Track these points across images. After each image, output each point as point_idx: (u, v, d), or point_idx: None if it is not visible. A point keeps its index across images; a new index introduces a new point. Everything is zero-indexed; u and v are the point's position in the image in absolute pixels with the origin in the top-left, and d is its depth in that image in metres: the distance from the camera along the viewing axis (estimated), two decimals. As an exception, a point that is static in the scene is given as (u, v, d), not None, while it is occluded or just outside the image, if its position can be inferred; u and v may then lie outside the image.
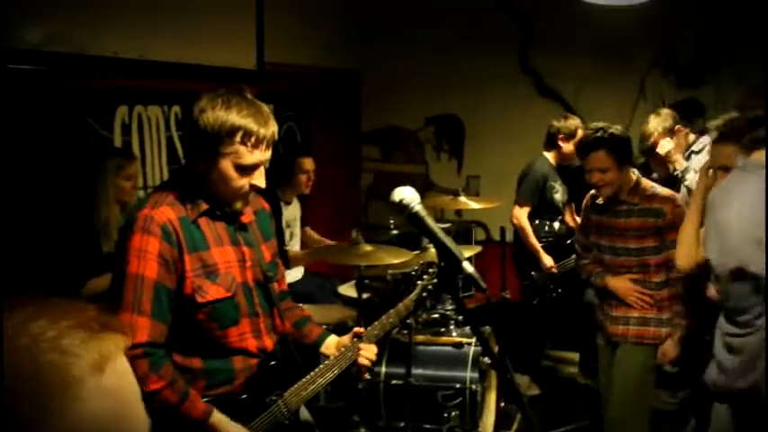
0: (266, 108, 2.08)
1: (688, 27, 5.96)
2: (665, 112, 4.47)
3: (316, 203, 5.25)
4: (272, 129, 2.05)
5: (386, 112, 6.99)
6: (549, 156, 4.90)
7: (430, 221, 1.69)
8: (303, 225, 5.05)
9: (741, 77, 5.86)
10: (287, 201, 4.80)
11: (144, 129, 4.06)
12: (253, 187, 2.09)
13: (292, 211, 4.88)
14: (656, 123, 4.38)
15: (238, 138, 1.99)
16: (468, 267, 1.63)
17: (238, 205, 2.14)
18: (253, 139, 2.00)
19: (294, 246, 4.90)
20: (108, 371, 0.83)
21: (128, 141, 3.98)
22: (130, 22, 3.88)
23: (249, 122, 1.99)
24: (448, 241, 1.65)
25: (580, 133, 4.78)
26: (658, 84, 6.18)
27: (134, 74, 3.90)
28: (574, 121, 4.85)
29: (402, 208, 1.69)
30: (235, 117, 1.98)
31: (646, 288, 3.39)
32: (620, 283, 3.42)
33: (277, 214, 4.62)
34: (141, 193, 3.89)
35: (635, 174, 3.52)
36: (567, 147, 4.80)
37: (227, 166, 2.02)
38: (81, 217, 3.41)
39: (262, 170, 2.09)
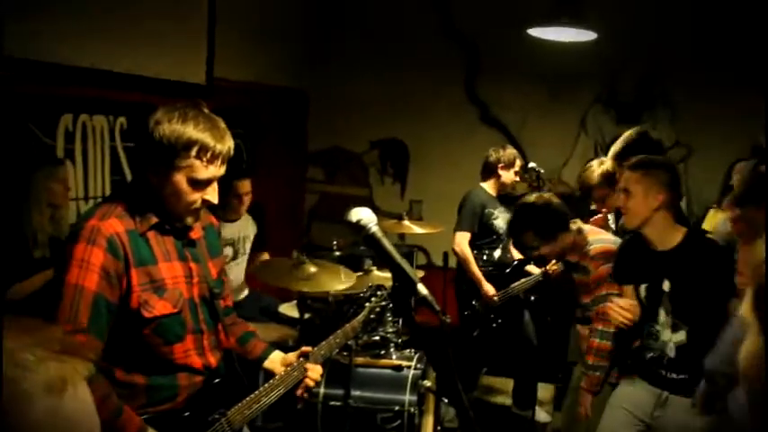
0: (223, 123, 2.06)
1: (628, 65, 6.17)
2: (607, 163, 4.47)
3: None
4: (227, 144, 2.03)
5: (332, 134, 7.02)
6: (487, 185, 4.99)
7: (386, 243, 1.71)
8: (261, 247, 4.96)
9: (676, 116, 6.09)
10: (228, 219, 4.66)
11: (88, 138, 3.99)
12: (205, 203, 2.07)
13: (238, 230, 4.74)
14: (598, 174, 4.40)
15: (194, 152, 1.95)
16: (422, 289, 1.65)
17: (189, 221, 2.10)
18: (208, 154, 1.97)
19: (241, 264, 4.80)
20: (66, 396, 0.82)
21: (71, 150, 3.90)
22: (80, 31, 3.83)
23: (206, 137, 1.96)
24: (403, 263, 1.67)
25: (518, 163, 4.91)
26: (599, 119, 6.37)
27: (81, 82, 3.84)
28: (512, 151, 4.97)
29: (359, 228, 1.70)
30: (191, 131, 1.94)
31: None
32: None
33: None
34: (83, 203, 3.82)
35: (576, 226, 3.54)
36: (507, 175, 4.91)
37: (180, 179, 1.98)
38: (10, 222, 3.33)
39: (215, 186, 2.07)
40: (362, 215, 1.70)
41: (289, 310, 4.56)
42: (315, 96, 6.97)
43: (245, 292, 4.84)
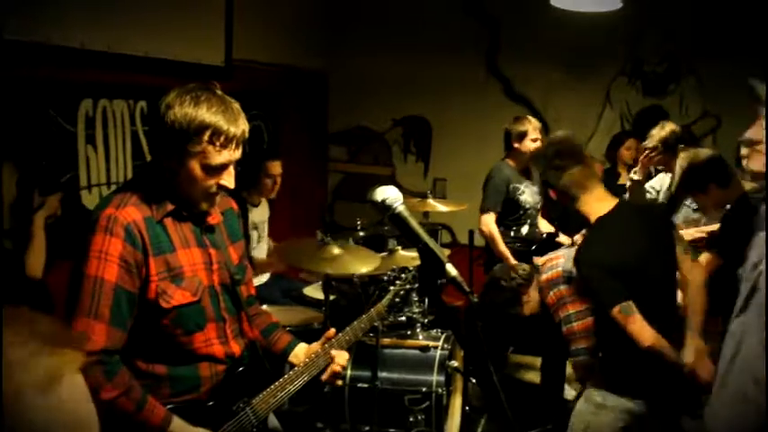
0: (237, 105, 1.99)
1: (654, 36, 6.03)
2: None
3: (281, 204, 5.18)
4: (242, 127, 1.96)
5: (353, 113, 6.95)
6: (509, 159, 4.89)
7: (413, 222, 1.66)
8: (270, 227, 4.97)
9: (704, 87, 5.95)
10: (253, 203, 4.70)
11: (108, 123, 3.97)
12: (221, 188, 2.01)
13: (260, 214, 4.77)
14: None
15: (206, 136, 1.89)
16: (451, 270, 1.60)
17: (205, 207, 2.05)
18: (222, 138, 1.90)
19: (262, 249, 4.82)
20: (60, 390, 0.79)
21: (91, 135, 3.88)
22: (98, 14, 3.80)
23: (218, 120, 1.89)
24: (431, 243, 1.62)
25: (532, 132, 4.78)
26: (624, 91, 6.25)
27: (100, 66, 3.81)
28: (525, 122, 4.83)
29: (385, 208, 1.65)
30: (204, 114, 1.88)
31: None
32: None
33: (243, 217, 4.53)
34: (105, 189, 3.81)
35: None
36: (524, 146, 4.79)
37: (194, 165, 1.93)
38: None
39: (231, 170, 2.01)
40: (388, 194, 1.65)
41: (313, 292, 4.54)
42: (335, 76, 6.90)
43: (267, 276, 4.82)
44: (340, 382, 2.32)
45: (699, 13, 5.78)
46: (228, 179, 2.00)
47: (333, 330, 2.33)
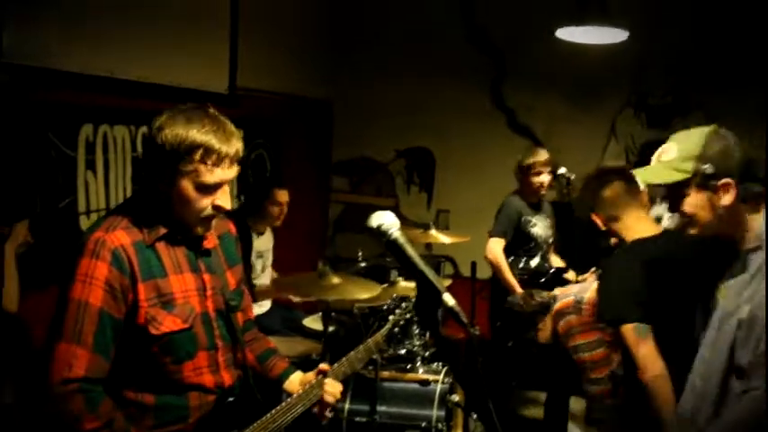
0: (230, 125, 1.95)
1: (659, 68, 6.02)
2: None
3: (282, 233, 5.13)
4: (235, 146, 1.91)
5: (356, 144, 6.93)
6: (520, 192, 4.87)
7: (410, 249, 1.60)
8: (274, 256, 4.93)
9: (709, 120, 5.91)
10: (259, 231, 4.67)
11: (109, 148, 3.93)
12: (218, 209, 1.96)
13: (265, 242, 4.74)
14: None
15: (198, 155, 1.86)
16: (449, 300, 1.54)
17: (200, 231, 1.99)
18: (213, 157, 1.87)
19: (266, 277, 4.77)
20: None
21: (92, 160, 3.85)
22: (101, 39, 3.79)
23: (210, 139, 1.86)
24: (428, 271, 1.56)
25: (539, 166, 4.74)
26: (629, 124, 6.22)
27: (101, 91, 3.79)
28: (531, 156, 4.79)
29: (380, 234, 1.60)
30: (195, 134, 1.85)
31: None
32: None
33: (247, 245, 4.50)
34: (104, 214, 3.75)
35: None
36: (527, 180, 4.76)
37: (186, 185, 1.88)
38: None
39: (226, 190, 1.96)
40: (384, 220, 1.60)
41: (313, 323, 4.47)
42: (339, 106, 6.90)
43: (269, 305, 4.76)
44: (329, 414, 2.23)
45: (705, 46, 5.76)
46: (224, 199, 1.95)
47: (326, 366, 2.26)
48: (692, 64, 5.86)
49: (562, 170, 4.78)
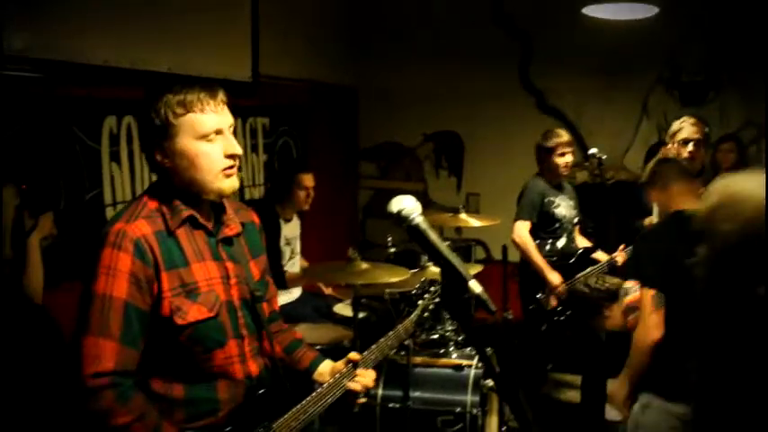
0: (207, 80, 1.96)
1: (692, 43, 5.87)
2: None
3: (312, 221, 5.10)
4: (217, 91, 1.91)
5: (384, 129, 6.88)
6: (542, 174, 4.78)
7: (432, 235, 1.53)
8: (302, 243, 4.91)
9: (746, 95, 5.76)
10: (287, 218, 4.65)
11: (133, 140, 3.91)
12: (233, 157, 1.92)
13: (293, 229, 4.73)
14: None
15: (182, 109, 1.86)
16: (475, 287, 1.47)
17: (226, 185, 1.93)
18: (197, 103, 1.86)
19: (294, 264, 4.75)
20: None
21: (116, 152, 3.84)
22: (122, 31, 3.76)
23: (187, 93, 1.87)
24: (452, 258, 1.49)
25: (562, 146, 4.64)
26: (662, 101, 6.08)
27: (124, 83, 3.76)
28: (554, 136, 4.70)
29: (401, 220, 1.53)
30: (171, 97, 1.86)
31: None
32: None
33: (275, 231, 4.49)
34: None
35: None
36: (553, 160, 4.67)
37: (187, 143, 1.87)
38: None
39: (229, 135, 1.93)
40: (404, 204, 1.54)
41: (343, 309, 4.45)
42: (365, 91, 6.85)
43: (299, 293, 4.74)
44: (362, 400, 2.17)
45: (737, 20, 5.60)
46: (231, 144, 1.92)
47: (356, 355, 2.21)
48: (725, 39, 5.70)
49: (593, 150, 4.68)
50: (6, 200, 2.96)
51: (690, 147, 4.29)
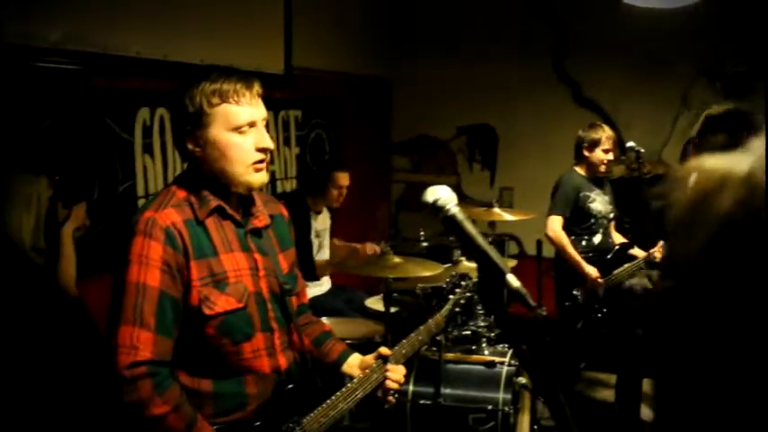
0: (242, 71, 1.94)
1: (735, 33, 5.71)
2: None
3: (344, 214, 5.08)
4: (253, 83, 1.90)
5: (417, 122, 6.82)
6: (579, 167, 4.67)
7: (469, 226, 1.47)
8: (332, 236, 4.88)
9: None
10: (317, 210, 4.64)
11: (166, 132, 3.90)
12: (264, 151, 1.90)
13: (322, 221, 4.71)
14: None
15: (217, 99, 1.84)
16: (513, 281, 1.41)
17: (255, 178, 1.91)
18: (233, 94, 1.84)
19: (323, 256, 4.73)
20: None
21: (149, 144, 3.84)
22: (154, 22, 3.76)
23: (222, 82, 1.85)
24: (490, 250, 1.43)
25: (606, 142, 4.55)
26: (703, 94, 5.93)
27: (157, 75, 3.76)
28: (599, 130, 4.59)
29: (436, 210, 1.48)
30: (207, 86, 1.84)
31: None
32: None
33: (306, 224, 4.47)
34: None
35: None
36: (593, 156, 4.57)
37: (220, 134, 1.85)
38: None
39: (262, 129, 1.92)
40: (440, 194, 1.48)
41: (375, 303, 4.41)
42: (398, 84, 6.79)
43: (329, 286, 4.72)
44: (392, 399, 2.14)
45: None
46: (262, 138, 1.91)
47: (386, 350, 2.17)
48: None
49: (631, 144, 4.57)
50: (40, 191, 2.96)
51: None
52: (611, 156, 4.56)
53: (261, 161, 1.91)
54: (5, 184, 2.92)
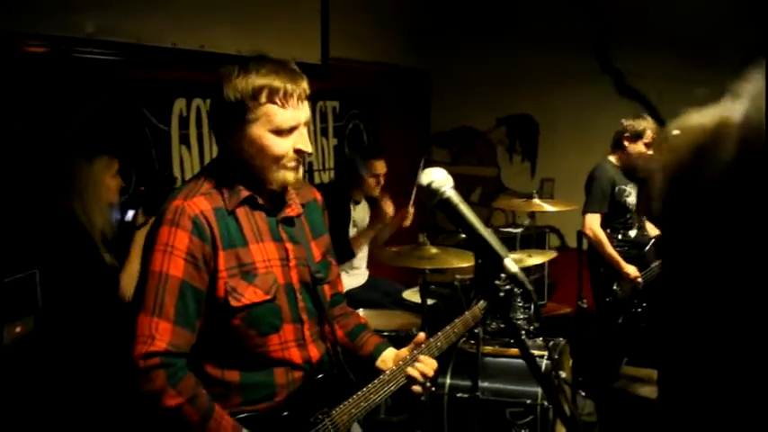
0: (293, 65, 1.87)
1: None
2: None
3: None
4: (301, 83, 1.83)
5: (455, 113, 6.74)
6: (614, 158, 4.54)
7: (465, 209, 1.43)
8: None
9: None
10: (356, 200, 4.62)
11: (202, 122, 3.90)
12: (300, 153, 1.85)
13: (361, 211, 4.69)
14: None
15: (263, 97, 1.78)
16: (511, 266, 1.36)
17: (290, 178, 1.87)
18: (281, 95, 1.78)
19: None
20: None
21: (185, 135, 3.84)
22: (190, 13, 3.75)
23: (272, 79, 1.78)
24: (487, 234, 1.39)
25: (649, 134, 4.42)
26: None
27: (193, 66, 3.76)
28: (644, 122, 4.46)
29: (431, 193, 1.44)
30: (254, 78, 1.77)
31: None
32: None
33: (346, 214, 4.46)
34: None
35: None
36: (633, 147, 4.43)
37: (261, 133, 1.80)
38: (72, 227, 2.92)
39: (303, 132, 1.86)
40: (435, 177, 1.44)
41: (412, 295, 4.37)
42: (437, 75, 6.72)
43: (365, 278, 4.68)
44: (419, 389, 2.05)
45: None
46: (302, 141, 1.86)
47: (422, 335, 2.11)
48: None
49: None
50: (95, 170, 2.99)
51: None
52: (651, 151, 4.43)
53: (297, 163, 1.88)
54: (70, 170, 2.96)
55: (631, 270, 4.31)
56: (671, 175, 0.76)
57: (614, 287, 4.40)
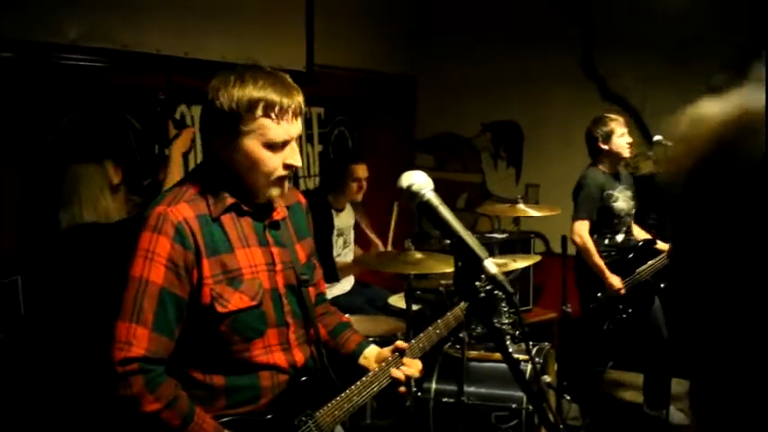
0: (289, 79, 1.87)
1: (765, 23, 5.58)
2: None
3: (367, 212, 5.04)
4: (296, 98, 1.83)
5: (441, 119, 6.76)
6: (600, 164, 4.53)
7: (444, 211, 1.45)
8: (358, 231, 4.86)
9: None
10: (339, 207, 4.60)
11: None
12: (289, 168, 1.85)
13: (345, 219, 4.68)
14: None
15: (259, 111, 1.77)
16: (491, 267, 1.38)
17: (275, 193, 1.88)
18: (276, 109, 1.78)
19: (349, 254, 4.69)
20: None
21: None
22: (175, 19, 3.76)
23: (268, 93, 1.77)
24: (467, 236, 1.40)
25: (618, 129, 4.43)
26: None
27: (177, 72, 3.76)
28: (607, 121, 4.47)
29: (411, 195, 1.46)
30: (251, 90, 1.76)
31: None
32: None
33: (328, 223, 4.44)
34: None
35: None
36: (613, 145, 4.43)
37: (253, 146, 1.79)
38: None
39: (294, 147, 1.86)
40: (414, 179, 1.46)
41: (398, 301, 4.37)
42: (422, 81, 6.74)
43: (351, 284, 4.68)
44: (404, 390, 2.07)
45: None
46: (293, 156, 1.85)
47: (403, 343, 2.12)
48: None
49: (658, 138, 4.47)
50: (91, 173, 3.00)
51: None
52: (629, 138, 4.45)
53: (284, 177, 1.88)
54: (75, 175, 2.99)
55: (615, 281, 4.28)
56: (689, 169, 0.71)
57: (599, 295, 4.40)
